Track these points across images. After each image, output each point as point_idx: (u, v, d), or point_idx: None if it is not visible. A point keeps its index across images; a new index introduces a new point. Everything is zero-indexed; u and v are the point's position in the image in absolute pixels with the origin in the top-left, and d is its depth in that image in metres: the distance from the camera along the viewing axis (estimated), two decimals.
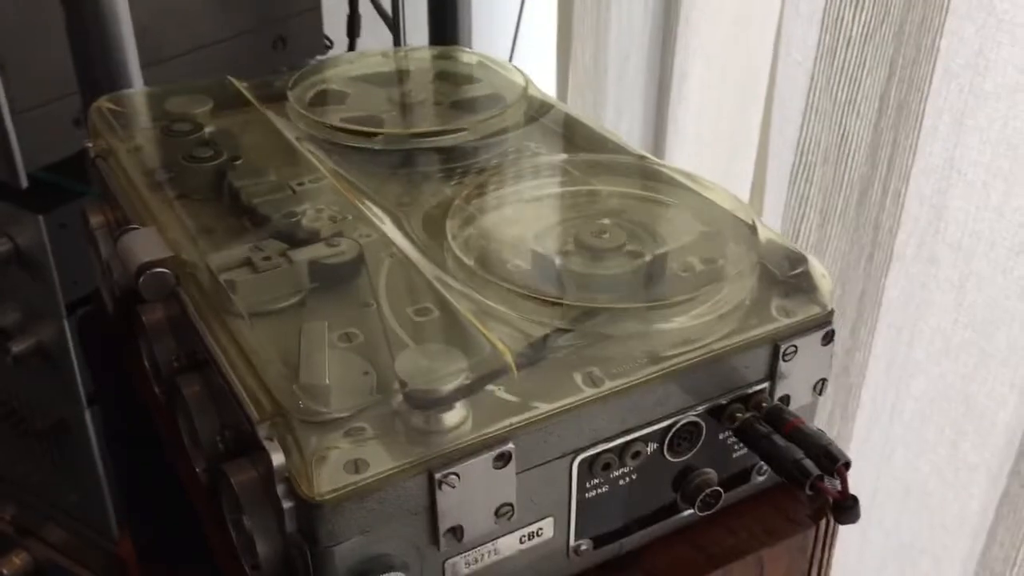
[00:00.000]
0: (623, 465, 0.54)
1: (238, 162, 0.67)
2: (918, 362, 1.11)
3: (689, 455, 0.56)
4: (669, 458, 0.55)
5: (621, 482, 0.54)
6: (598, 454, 0.52)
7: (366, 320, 0.56)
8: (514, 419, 0.49)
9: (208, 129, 0.72)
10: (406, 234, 0.63)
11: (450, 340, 0.53)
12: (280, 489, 0.47)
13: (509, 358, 0.50)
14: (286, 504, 0.47)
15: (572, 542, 0.54)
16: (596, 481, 0.54)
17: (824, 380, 0.59)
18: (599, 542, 0.55)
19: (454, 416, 0.49)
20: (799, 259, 0.59)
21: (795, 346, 0.56)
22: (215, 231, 0.64)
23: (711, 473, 0.57)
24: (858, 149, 1.13)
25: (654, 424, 0.54)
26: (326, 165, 0.69)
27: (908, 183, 1.07)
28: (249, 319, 0.55)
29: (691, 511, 0.58)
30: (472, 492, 0.48)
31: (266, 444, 0.47)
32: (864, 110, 1.10)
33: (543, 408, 0.50)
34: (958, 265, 1.03)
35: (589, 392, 0.51)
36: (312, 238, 0.60)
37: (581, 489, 0.53)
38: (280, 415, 0.48)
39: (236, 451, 0.54)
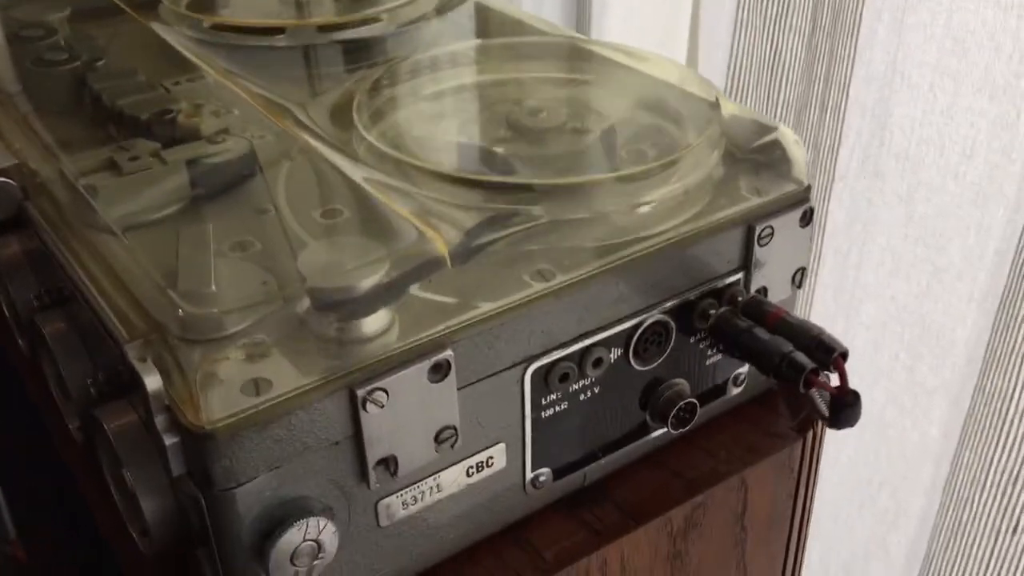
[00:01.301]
0: (583, 376, 0.45)
1: (99, 63, 0.57)
2: (867, 286, 1.05)
3: (657, 362, 0.47)
4: (636, 366, 0.47)
5: (582, 396, 0.46)
6: (554, 362, 0.44)
7: (263, 228, 0.46)
8: (451, 321, 0.40)
9: (64, 34, 0.61)
10: (308, 129, 0.53)
11: (367, 235, 0.44)
12: (160, 421, 0.37)
13: (441, 246, 0.41)
14: (168, 440, 0.37)
15: (529, 473, 0.45)
16: (553, 397, 0.45)
17: (803, 269, 0.51)
18: (560, 472, 0.47)
19: (376, 321, 0.39)
20: (767, 129, 0.51)
21: (771, 227, 0.48)
22: (74, 143, 0.53)
23: (683, 384, 0.49)
24: (792, 67, 1.06)
25: (616, 325, 0.45)
26: (213, 65, 0.59)
27: (847, 96, 1.01)
28: (118, 232, 0.45)
29: (663, 430, 0.49)
30: (405, 413, 0.39)
31: (137, 366, 0.37)
32: (796, 23, 1.04)
33: (485, 308, 0.41)
34: (905, 176, 0.97)
35: (538, 287, 0.42)
36: (190, 136, 0.50)
37: (536, 407, 0.44)
38: (155, 331, 0.38)
39: (112, 395, 0.44)
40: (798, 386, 0.45)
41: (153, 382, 0.36)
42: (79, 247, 0.46)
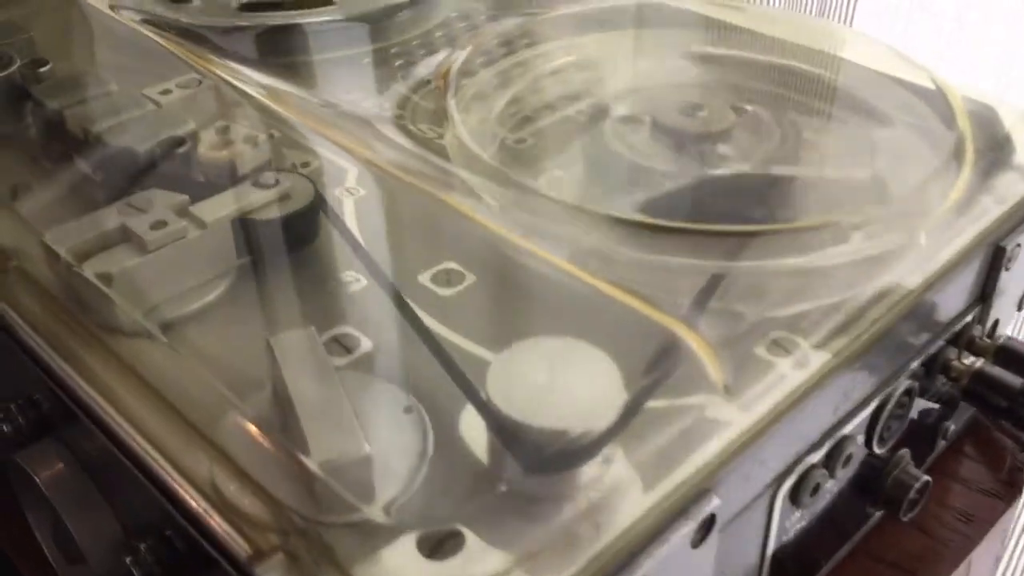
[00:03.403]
0: (832, 479, 0.33)
1: (44, 68, 0.40)
2: None
3: (896, 440, 0.36)
4: (876, 450, 0.35)
5: (820, 504, 0.34)
6: (806, 472, 0.31)
7: (359, 306, 0.32)
8: (707, 449, 0.27)
9: None
10: (373, 148, 0.39)
11: (551, 326, 0.31)
12: None
13: (710, 361, 0.28)
14: None
15: None
16: (797, 516, 0.33)
17: None
18: None
19: (597, 466, 0.26)
20: (987, 112, 0.39)
21: (1020, 244, 0.37)
22: (32, 188, 0.37)
23: (905, 455, 0.38)
24: None
25: (865, 406, 0.33)
26: (203, 58, 0.43)
27: None
28: (156, 333, 0.30)
29: (878, 512, 0.38)
30: None
31: None
32: None
33: (747, 417, 0.28)
34: None
35: (797, 376, 0.30)
36: (223, 178, 0.35)
37: (780, 535, 0.32)
38: (293, 533, 0.24)
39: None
40: None
41: None
42: (90, 359, 0.31)
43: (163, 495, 0.28)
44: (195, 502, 0.27)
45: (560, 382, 0.26)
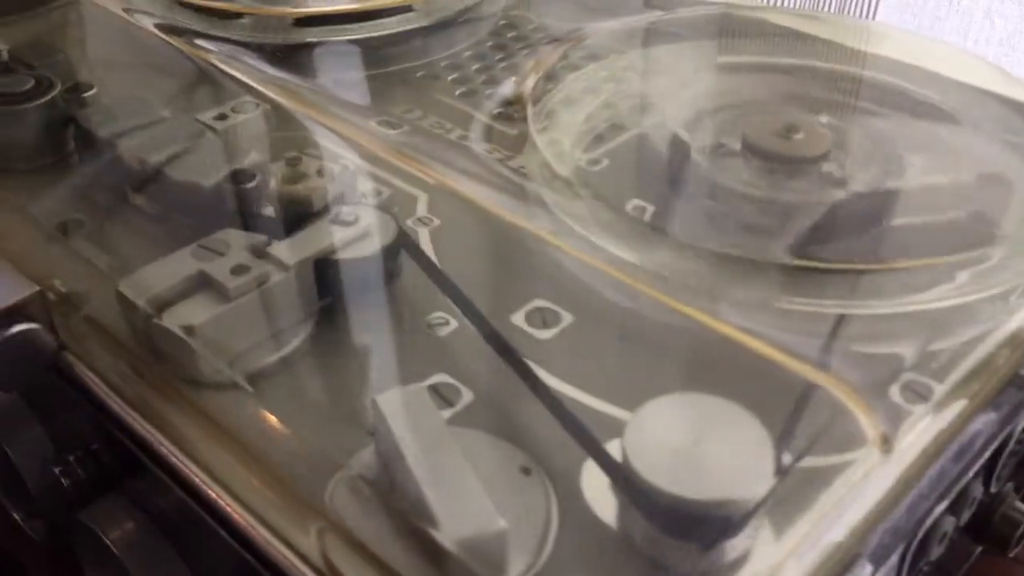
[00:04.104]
0: (959, 523, 0.31)
1: (88, 94, 0.38)
2: None
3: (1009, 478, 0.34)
4: (993, 489, 0.33)
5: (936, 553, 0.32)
6: (937, 521, 0.30)
7: (454, 351, 0.30)
8: (864, 506, 0.25)
9: (2, 48, 0.41)
10: (444, 173, 0.36)
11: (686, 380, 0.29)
12: None
13: (849, 397, 0.26)
14: None
15: None
16: (922, 566, 0.31)
17: None
18: None
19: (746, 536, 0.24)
20: None
21: None
22: (85, 225, 0.35)
23: (1010, 490, 0.36)
24: None
25: (988, 445, 0.31)
26: (253, 79, 0.40)
27: None
28: (243, 383, 0.28)
29: (979, 549, 0.36)
30: None
31: None
32: None
33: (898, 470, 0.26)
34: None
35: (938, 422, 0.28)
36: (301, 213, 0.32)
37: None
38: None
39: None
40: None
41: None
42: (170, 412, 0.28)
43: (262, 564, 0.26)
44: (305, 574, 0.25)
45: (706, 446, 0.24)
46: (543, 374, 0.29)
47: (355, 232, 0.31)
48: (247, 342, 0.29)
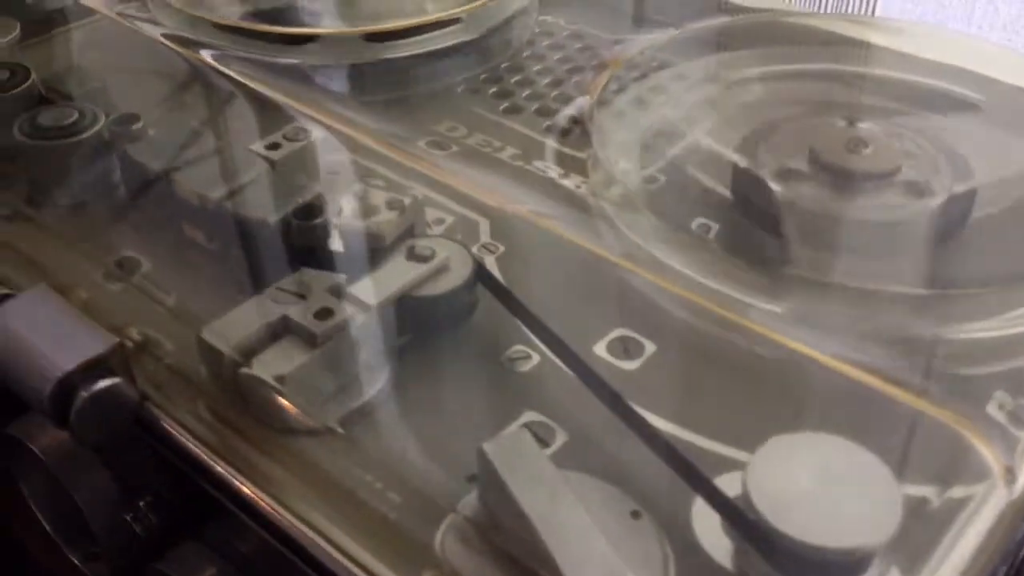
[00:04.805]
0: None
1: (136, 126, 0.37)
2: None
3: None
4: None
5: None
6: None
7: (542, 387, 0.30)
8: (991, 541, 0.25)
9: (38, 75, 0.40)
10: (504, 194, 0.36)
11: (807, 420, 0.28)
12: None
13: (967, 429, 0.26)
14: None
15: None
16: None
17: None
18: None
19: None
20: None
21: None
22: (142, 263, 0.34)
23: None
24: None
25: None
26: (299, 101, 0.40)
27: None
28: (335, 426, 0.28)
29: None
30: None
31: None
32: None
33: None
34: None
35: None
36: (373, 248, 0.32)
37: None
38: None
39: None
40: None
41: None
42: (258, 459, 0.28)
43: None
44: None
45: (830, 488, 0.24)
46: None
47: (432, 267, 0.31)
48: (333, 385, 0.29)
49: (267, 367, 0.27)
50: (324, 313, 0.29)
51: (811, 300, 0.31)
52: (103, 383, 0.27)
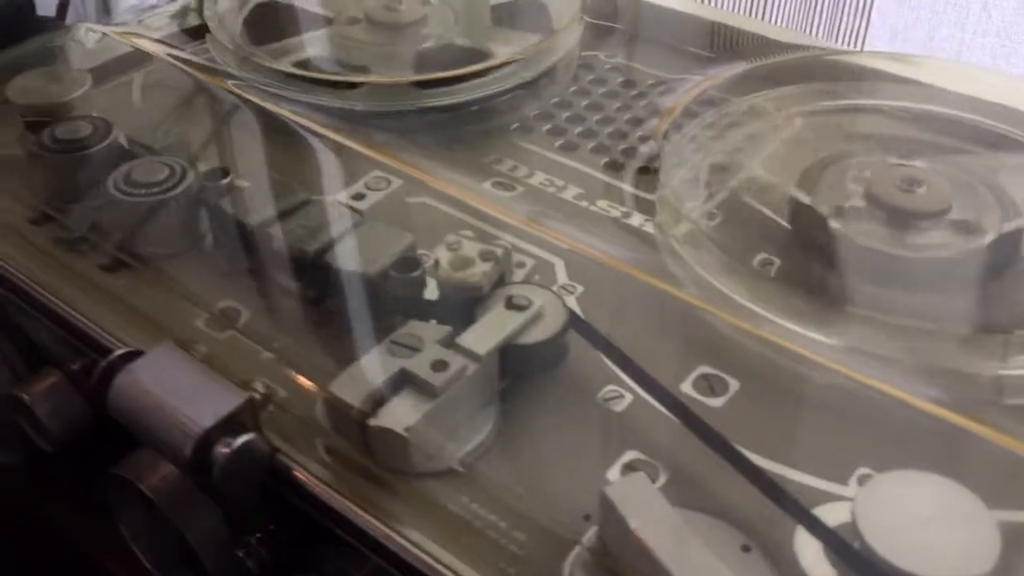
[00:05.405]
0: None
1: (225, 181, 0.38)
2: None
3: None
4: None
5: None
6: None
7: (638, 426, 0.32)
8: None
9: (118, 130, 0.42)
10: (575, 235, 0.38)
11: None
12: None
13: None
14: None
15: None
16: None
17: None
18: None
19: None
20: None
21: None
22: (242, 313, 0.36)
23: None
24: None
25: None
26: (372, 147, 0.42)
27: None
28: (463, 473, 0.30)
29: None
30: None
31: None
32: None
33: None
34: None
35: None
36: (472, 298, 0.34)
37: None
38: None
39: None
40: None
41: None
42: (389, 503, 0.30)
43: None
44: None
45: (935, 525, 0.26)
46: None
47: (530, 315, 0.33)
48: (450, 430, 0.31)
49: (394, 419, 0.30)
50: (440, 365, 0.31)
51: (868, 335, 0.34)
52: (242, 439, 0.29)
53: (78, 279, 0.37)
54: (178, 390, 0.31)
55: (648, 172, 0.43)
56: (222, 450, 0.29)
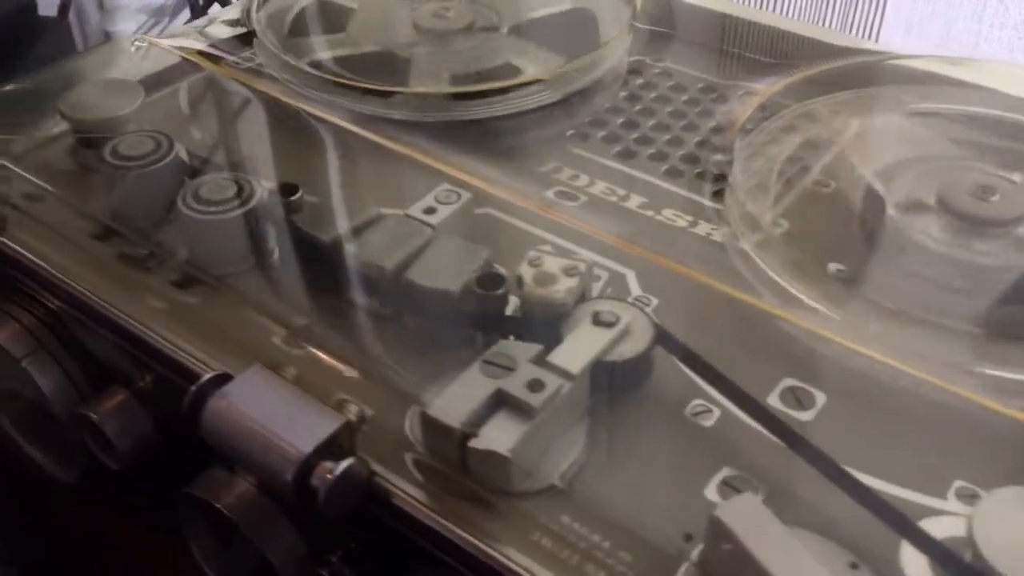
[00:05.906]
0: None
1: (295, 197, 0.38)
2: None
3: None
4: None
5: None
6: None
7: (732, 442, 0.32)
8: None
9: (178, 148, 0.41)
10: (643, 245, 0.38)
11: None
12: None
13: None
14: None
15: None
16: None
17: None
18: None
19: None
20: None
21: None
22: (313, 331, 0.36)
23: None
24: None
25: None
26: (432, 157, 0.41)
27: None
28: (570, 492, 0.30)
29: None
30: None
31: None
32: None
33: None
34: None
35: None
36: (557, 314, 0.34)
37: None
38: None
39: None
40: None
41: None
42: (486, 522, 0.30)
43: None
44: None
45: None
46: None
47: (619, 331, 0.33)
48: (547, 448, 0.31)
49: (494, 440, 0.29)
50: (536, 385, 0.30)
51: (958, 348, 0.34)
52: (344, 463, 0.29)
53: (150, 296, 0.37)
54: (274, 415, 0.30)
55: (710, 178, 0.42)
56: (325, 475, 0.29)
